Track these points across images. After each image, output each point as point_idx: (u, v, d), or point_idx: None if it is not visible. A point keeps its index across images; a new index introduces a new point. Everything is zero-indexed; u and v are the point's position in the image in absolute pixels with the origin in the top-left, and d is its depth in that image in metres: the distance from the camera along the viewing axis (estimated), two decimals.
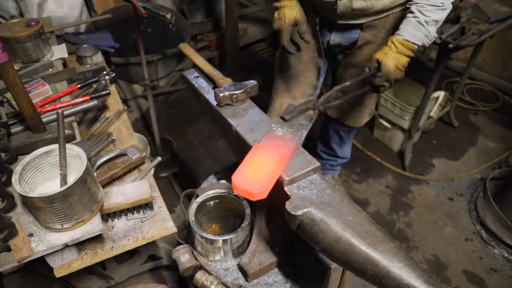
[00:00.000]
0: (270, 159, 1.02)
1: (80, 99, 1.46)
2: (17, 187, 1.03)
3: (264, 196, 0.96)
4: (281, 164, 1.02)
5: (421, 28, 1.53)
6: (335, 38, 1.80)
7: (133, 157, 1.45)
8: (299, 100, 2.00)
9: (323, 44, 1.86)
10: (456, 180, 2.85)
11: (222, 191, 1.29)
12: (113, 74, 1.70)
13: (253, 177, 0.97)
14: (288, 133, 1.13)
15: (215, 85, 1.37)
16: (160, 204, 1.35)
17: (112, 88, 1.81)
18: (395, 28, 1.71)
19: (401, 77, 1.60)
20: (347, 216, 0.91)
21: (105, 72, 1.70)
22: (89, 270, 1.80)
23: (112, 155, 1.44)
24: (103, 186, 1.39)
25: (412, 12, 1.55)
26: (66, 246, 1.10)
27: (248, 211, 1.22)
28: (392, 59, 1.54)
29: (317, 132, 2.55)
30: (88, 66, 1.79)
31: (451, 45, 2.14)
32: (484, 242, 2.45)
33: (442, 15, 1.54)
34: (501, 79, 3.60)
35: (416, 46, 1.55)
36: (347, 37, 1.78)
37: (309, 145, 2.37)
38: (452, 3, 1.55)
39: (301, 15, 1.67)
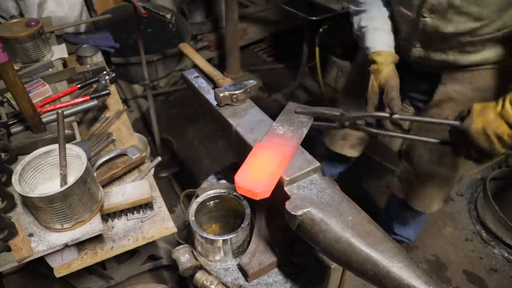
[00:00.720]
0: (272, 158, 1.02)
1: (80, 99, 1.46)
2: (17, 187, 1.03)
3: (267, 195, 0.97)
4: (283, 163, 1.02)
5: None
6: (407, 83, 1.39)
7: (133, 157, 1.45)
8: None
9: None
10: None
11: (222, 191, 1.29)
12: (113, 74, 1.70)
13: (256, 177, 0.97)
14: (289, 131, 1.13)
15: (215, 85, 1.37)
16: (160, 204, 1.35)
17: (112, 88, 1.81)
18: (487, 90, 1.33)
19: (492, 150, 1.08)
20: (347, 216, 0.91)
21: (105, 72, 1.70)
22: (89, 270, 1.80)
23: (112, 155, 1.44)
24: (103, 186, 1.39)
25: None
26: (66, 246, 1.10)
27: (248, 211, 1.22)
28: (485, 118, 1.05)
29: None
30: (88, 66, 1.79)
31: None
32: (484, 242, 2.45)
33: None
34: None
35: None
36: (424, 84, 1.50)
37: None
38: None
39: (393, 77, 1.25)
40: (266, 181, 0.96)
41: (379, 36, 1.36)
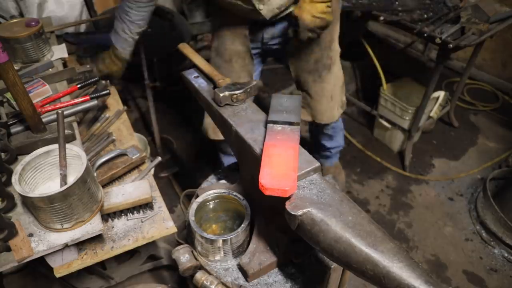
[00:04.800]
0: (285, 154, 1.03)
1: (80, 99, 1.46)
2: (17, 187, 1.03)
3: (294, 190, 0.97)
4: (295, 156, 1.03)
5: None
6: (267, 33, 1.80)
7: (133, 157, 1.46)
8: None
9: (259, 42, 1.85)
10: (456, 180, 2.85)
11: (222, 191, 1.29)
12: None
13: (280, 175, 0.97)
14: (286, 125, 1.14)
15: (215, 85, 1.37)
16: (160, 204, 1.35)
17: (112, 88, 1.81)
18: None
19: (325, 24, 1.58)
20: (347, 216, 0.91)
21: None
22: (89, 270, 1.80)
23: (112, 155, 1.44)
24: (103, 186, 1.39)
25: None
26: (66, 246, 1.10)
27: (248, 211, 1.22)
28: (307, 11, 1.55)
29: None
30: (88, 66, 1.79)
31: (451, 45, 2.14)
32: (484, 242, 2.45)
33: None
34: (501, 79, 3.60)
35: None
36: (279, 27, 1.77)
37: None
38: None
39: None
40: (291, 177, 0.96)
41: None
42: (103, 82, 1.64)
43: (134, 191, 1.27)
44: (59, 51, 1.77)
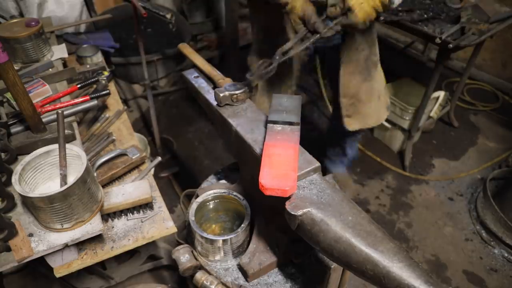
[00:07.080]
0: (284, 154, 1.03)
1: (80, 99, 1.46)
2: (17, 187, 1.03)
3: (294, 190, 0.97)
4: (295, 156, 1.03)
5: None
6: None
7: (133, 157, 1.46)
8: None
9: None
10: (456, 180, 2.85)
11: (222, 191, 1.29)
12: (108, 74, 1.71)
13: (280, 175, 0.97)
14: (286, 126, 1.14)
15: (215, 85, 1.37)
16: (160, 204, 1.35)
17: (112, 88, 1.81)
18: None
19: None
20: (347, 216, 0.91)
21: (100, 71, 1.71)
22: (89, 270, 1.81)
23: (112, 155, 1.44)
24: (103, 186, 1.39)
25: None
26: (66, 246, 1.10)
27: (248, 211, 1.22)
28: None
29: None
30: (88, 66, 1.80)
31: (451, 45, 2.14)
32: (484, 242, 2.45)
33: None
34: (501, 79, 3.60)
35: None
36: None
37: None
38: None
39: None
40: (291, 177, 0.96)
41: None
42: (103, 82, 1.64)
43: (134, 191, 1.27)
44: (59, 51, 1.77)
